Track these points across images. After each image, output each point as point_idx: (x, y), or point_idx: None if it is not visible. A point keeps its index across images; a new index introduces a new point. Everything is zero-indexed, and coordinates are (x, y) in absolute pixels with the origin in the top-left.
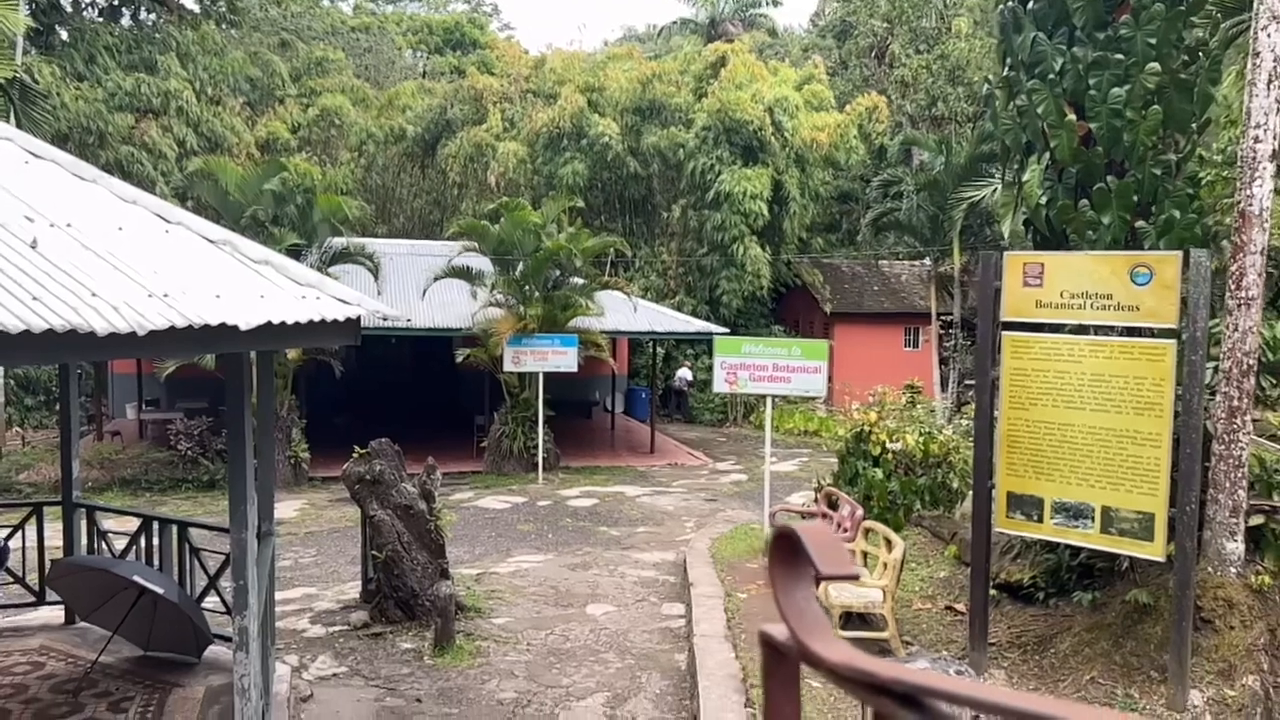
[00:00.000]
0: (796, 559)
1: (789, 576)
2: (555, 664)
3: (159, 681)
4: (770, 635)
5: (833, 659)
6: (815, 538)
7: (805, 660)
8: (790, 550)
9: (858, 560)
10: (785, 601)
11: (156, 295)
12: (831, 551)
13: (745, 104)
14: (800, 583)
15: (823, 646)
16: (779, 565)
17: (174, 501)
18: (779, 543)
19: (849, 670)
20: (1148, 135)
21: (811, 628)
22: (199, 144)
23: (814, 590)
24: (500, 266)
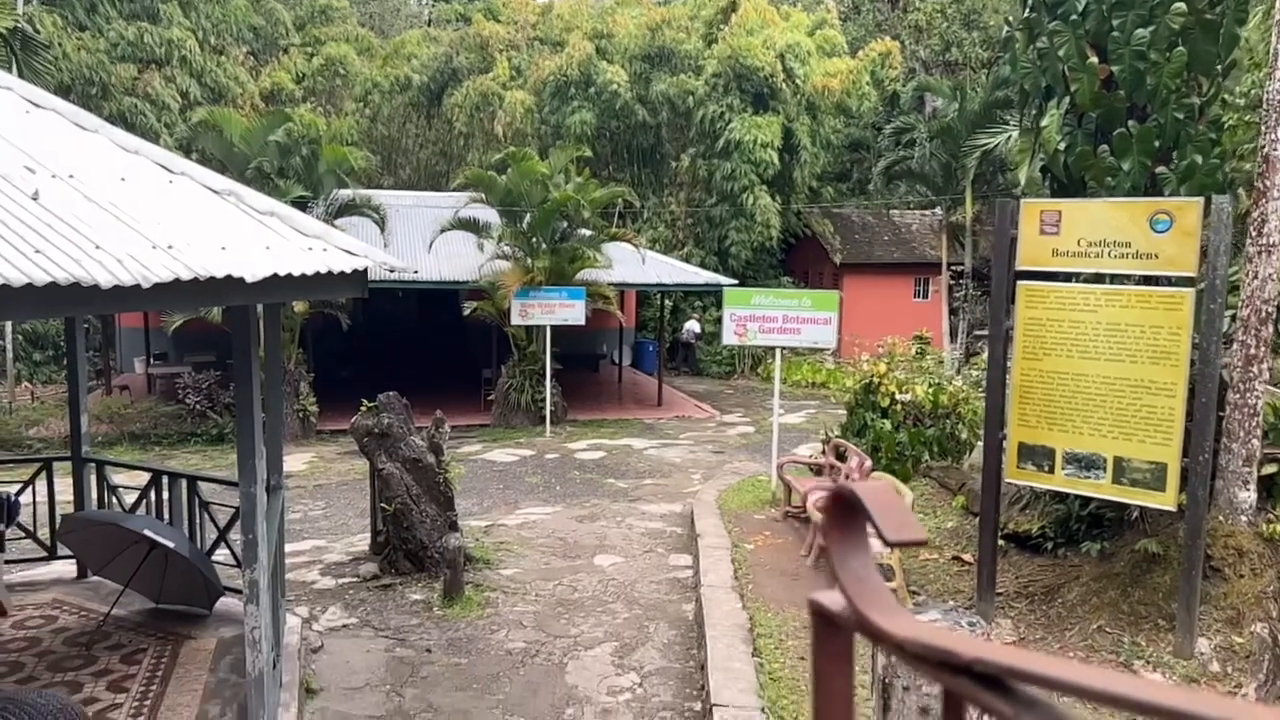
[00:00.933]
0: (854, 522)
1: (846, 541)
2: (563, 614)
3: (171, 633)
4: (823, 605)
5: (899, 634)
6: (878, 499)
7: (865, 634)
8: (848, 513)
9: None
10: (842, 569)
11: (160, 247)
12: (897, 514)
13: (756, 50)
14: (858, 548)
15: (886, 619)
16: (835, 529)
17: (183, 455)
18: (836, 505)
19: (919, 647)
20: (1171, 78)
21: (872, 598)
22: (202, 95)
23: (872, 557)
24: (507, 218)
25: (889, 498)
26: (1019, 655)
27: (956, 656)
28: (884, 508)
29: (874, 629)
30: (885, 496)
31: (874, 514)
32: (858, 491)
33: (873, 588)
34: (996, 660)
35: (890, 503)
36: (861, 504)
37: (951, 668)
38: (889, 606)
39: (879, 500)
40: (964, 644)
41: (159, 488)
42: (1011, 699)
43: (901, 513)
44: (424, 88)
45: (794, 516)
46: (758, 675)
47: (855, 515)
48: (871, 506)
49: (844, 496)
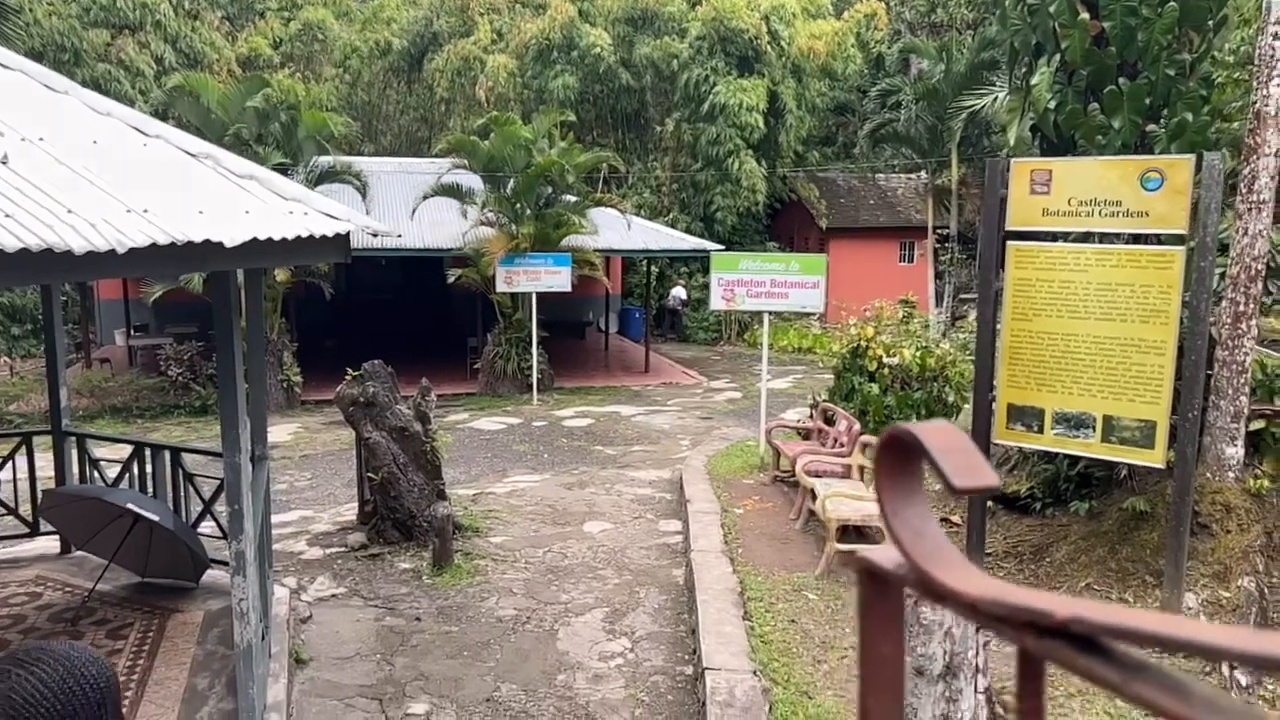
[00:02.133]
0: (908, 467)
1: (900, 489)
2: (554, 581)
3: (157, 607)
4: (872, 563)
5: (972, 593)
6: (942, 438)
7: (928, 594)
8: (902, 456)
9: (855, 474)
10: (897, 521)
11: (136, 211)
12: (964, 456)
13: (741, 12)
14: (913, 497)
15: (955, 577)
16: (888, 476)
17: (166, 428)
18: (889, 447)
19: (999, 607)
20: (1163, 34)
21: (936, 553)
22: (177, 61)
23: (929, 506)
24: (491, 184)
25: (954, 437)
26: (1126, 613)
27: (1049, 616)
28: (949, 448)
29: (940, 588)
30: (949, 435)
31: (937, 456)
32: (916, 431)
33: (934, 542)
34: (1100, 620)
35: (956, 443)
36: (921, 445)
37: (1040, 629)
38: (955, 562)
39: (942, 440)
40: (1055, 602)
41: (142, 461)
42: (1115, 663)
43: (969, 454)
44: (404, 52)
45: (783, 481)
46: (749, 638)
47: (910, 459)
48: (934, 447)
49: (898, 437)
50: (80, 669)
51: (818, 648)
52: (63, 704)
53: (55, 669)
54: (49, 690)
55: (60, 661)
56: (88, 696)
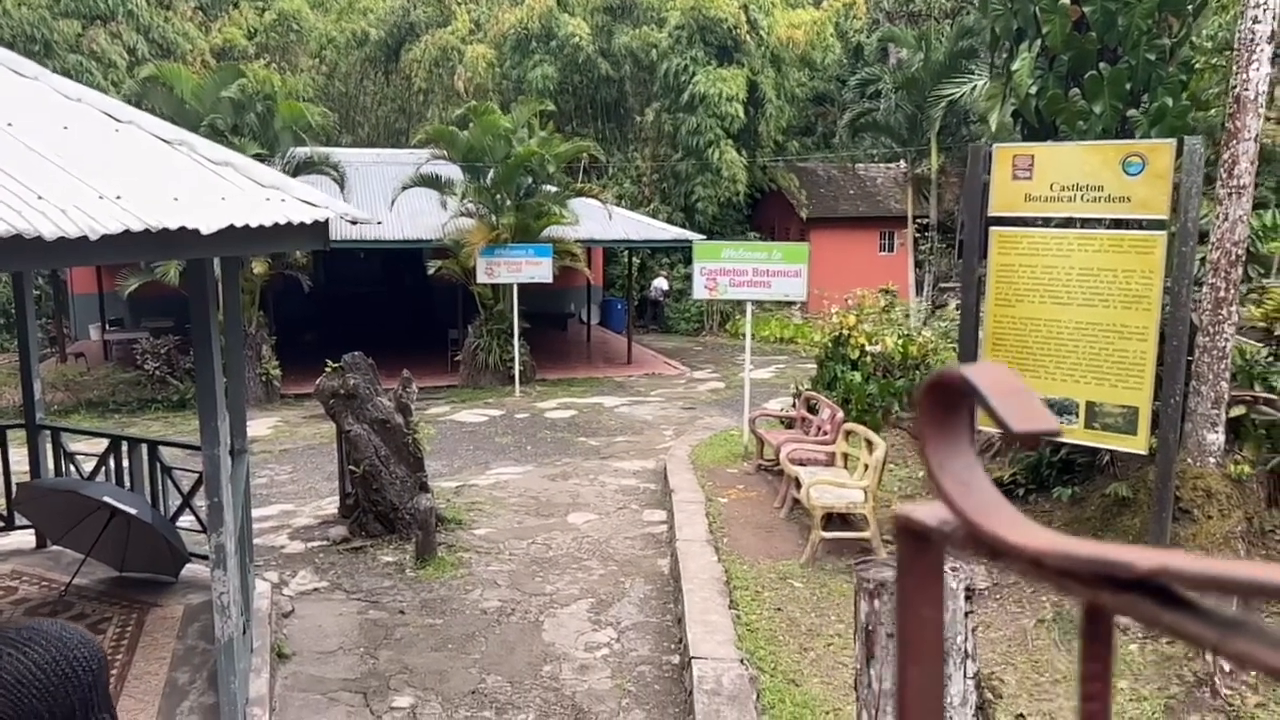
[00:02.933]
0: (955, 414)
1: (945, 439)
2: (538, 572)
3: (136, 602)
4: (914, 520)
5: (1035, 546)
6: (995, 380)
7: (984, 550)
8: (949, 403)
9: (839, 462)
10: (943, 474)
11: (108, 197)
12: (1022, 398)
13: (720, 1)
14: (959, 447)
15: (1013, 531)
16: (933, 424)
17: (143, 422)
18: (934, 392)
19: (1069, 561)
20: (1143, 18)
21: (988, 507)
22: (150, 51)
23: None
24: (470, 174)
25: (1008, 378)
26: (1220, 564)
27: (1129, 569)
28: (1004, 390)
29: (997, 543)
30: (1004, 377)
31: (991, 399)
32: (966, 372)
33: (986, 495)
34: (1191, 570)
35: (1011, 384)
36: (972, 387)
37: (1117, 583)
38: (1010, 516)
39: (997, 381)
40: (1133, 553)
41: (118, 454)
42: (1205, 618)
43: (1026, 396)
44: (381, 43)
45: (767, 470)
46: (735, 627)
47: (957, 405)
48: (987, 389)
49: (945, 380)
50: (72, 650)
51: (804, 635)
52: (55, 685)
53: (47, 650)
54: (41, 671)
55: (52, 643)
56: (80, 679)
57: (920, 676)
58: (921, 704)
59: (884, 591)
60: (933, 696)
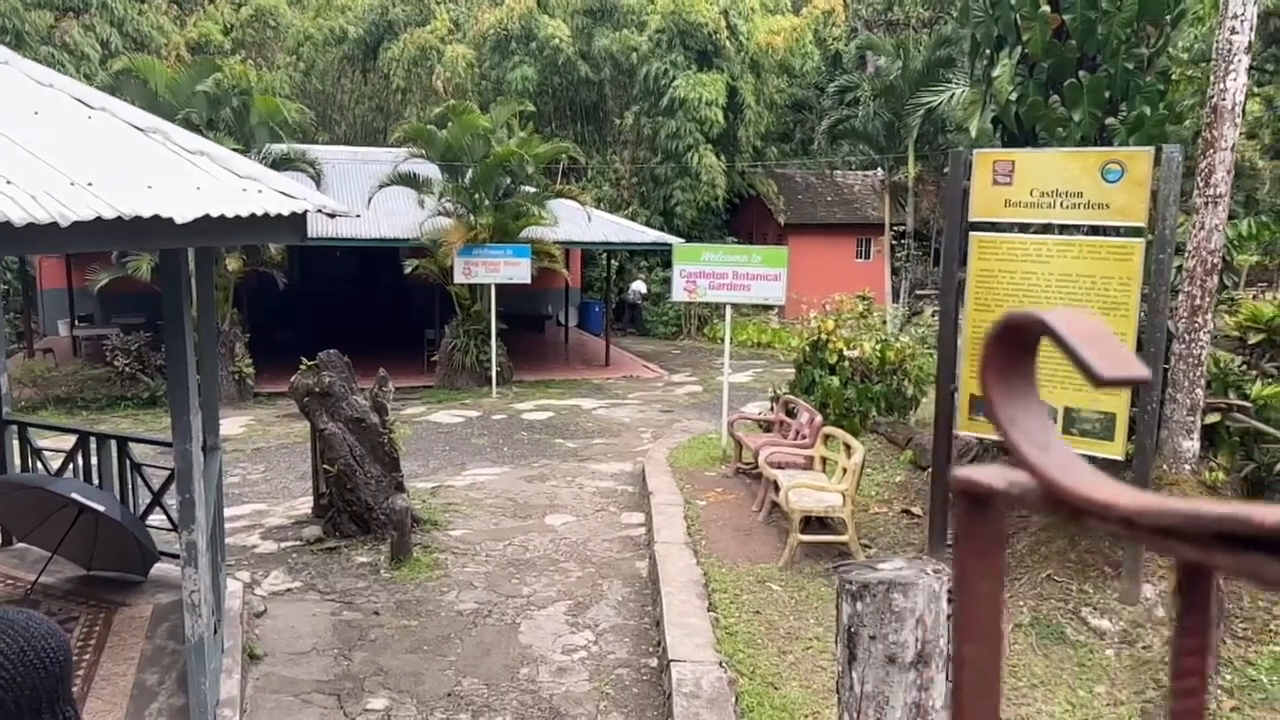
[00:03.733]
0: (1024, 366)
1: (1014, 392)
2: (515, 574)
3: (104, 601)
4: (977, 481)
5: (1131, 504)
6: (1078, 325)
7: (1061, 508)
8: (1018, 352)
9: (817, 465)
10: (1015, 431)
11: (80, 184)
12: (1108, 343)
13: (700, 5)
14: (1030, 402)
15: (1097, 488)
16: (1000, 376)
17: (113, 419)
18: (1003, 340)
19: (1173, 518)
20: (1122, 27)
21: (1068, 465)
22: (124, 44)
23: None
24: (449, 174)
25: (1090, 323)
26: None
27: (1248, 523)
28: (1088, 335)
29: (1085, 502)
30: (1085, 321)
31: (1075, 343)
32: (1044, 317)
33: (1063, 452)
34: None
35: (1094, 328)
36: (1050, 330)
37: (1234, 542)
38: (1092, 474)
39: (1078, 326)
40: (1253, 509)
41: (87, 451)
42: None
43: (1112, 341)
44: (359, 41)
45: (745, 473)
46: (714, 630)
47: (1026, 355)
48: (1069, 334)
49: (1016, 325)
50: (39, 641)
51: (783, 638)
52: (21, 675)
53: (15, 640)
54: (7, 661)
55: (20, 633)
56: (47, 670)
57: (979, 657)
58: (979, 688)
59: (866, 594)
60: (991, 680)
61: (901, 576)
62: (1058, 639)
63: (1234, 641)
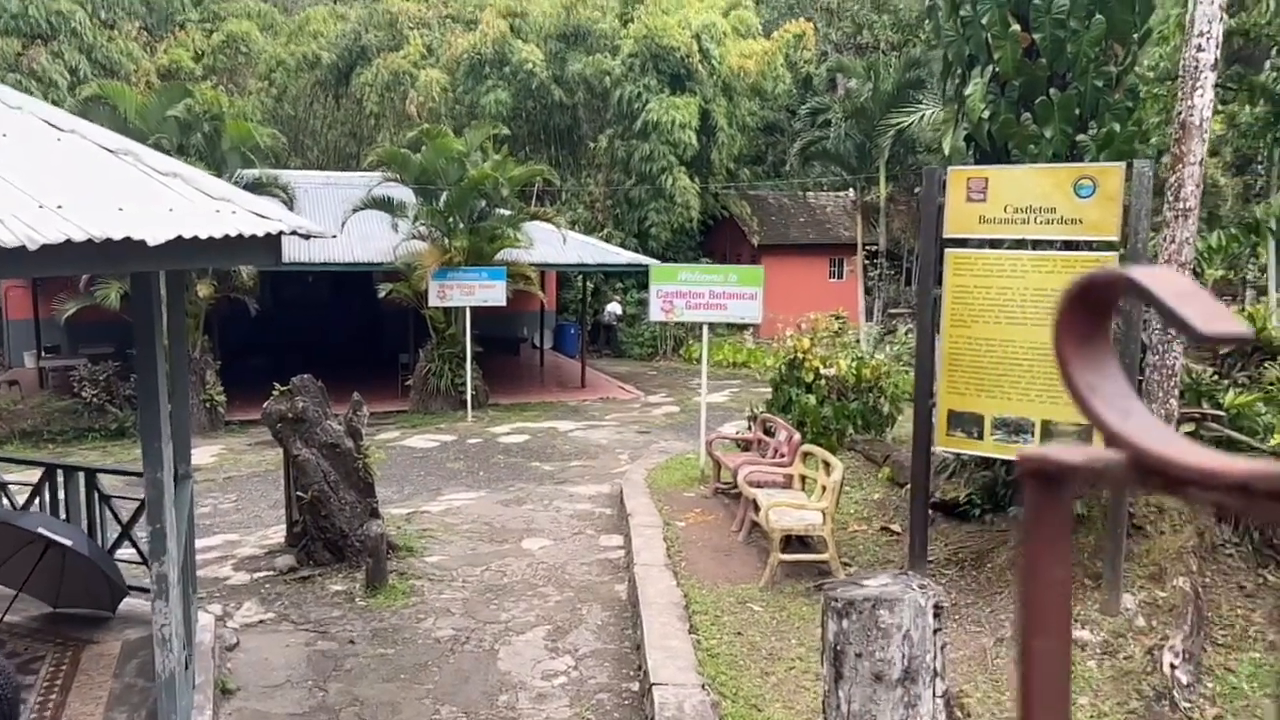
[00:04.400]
0: (1099, 331)
1: (1091, 359)
2: (493, 600)
3: (71, 639)
4: (1050, 459)
5: (1241, 471)
6: (1171, 283)
7: (1154, 480)
8: (1094, 314)
9: (796, 484)
10: (1095, 396)
11: (49, 207)
12: (1204, 301)
13: (672, 30)
14: (1108, 368)
15: (1196, 456)
16: (1076, 341)
17: (80, 452)
18: (1082, 301)
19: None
20: (1090, 46)
21: (1153, 431)
22: (93, 71)
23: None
24: (423, 197)
25: (1181, 280)
26: None
27: None
28: (1183, 292)
29: (1184, 470)
30: (1176, 278)
31: (1170, 301)
32: (1134, 275)
33: (1148, 419)
34: None
35: (1187, 285)
36: (1141, 288)
37: None
38: (1184, 441)
39: (1171, 284)
40: None
41: (54, 484)
42: None
43: (1204, 297)
44: (332, 66)
45: (724, 493)
46: (696, 652)
47: (1102, 318)
48: (1162, 291)
49: (1097, 284)
50: None
51: (765, 659)
52: None
53: None
54: None
55: None
56: None
57: (1047, 651)
58: (1048, 685)
59: (852, 610)
60: (1062, 678)
61: (887, 592)
62: None
63: (1214, 649)
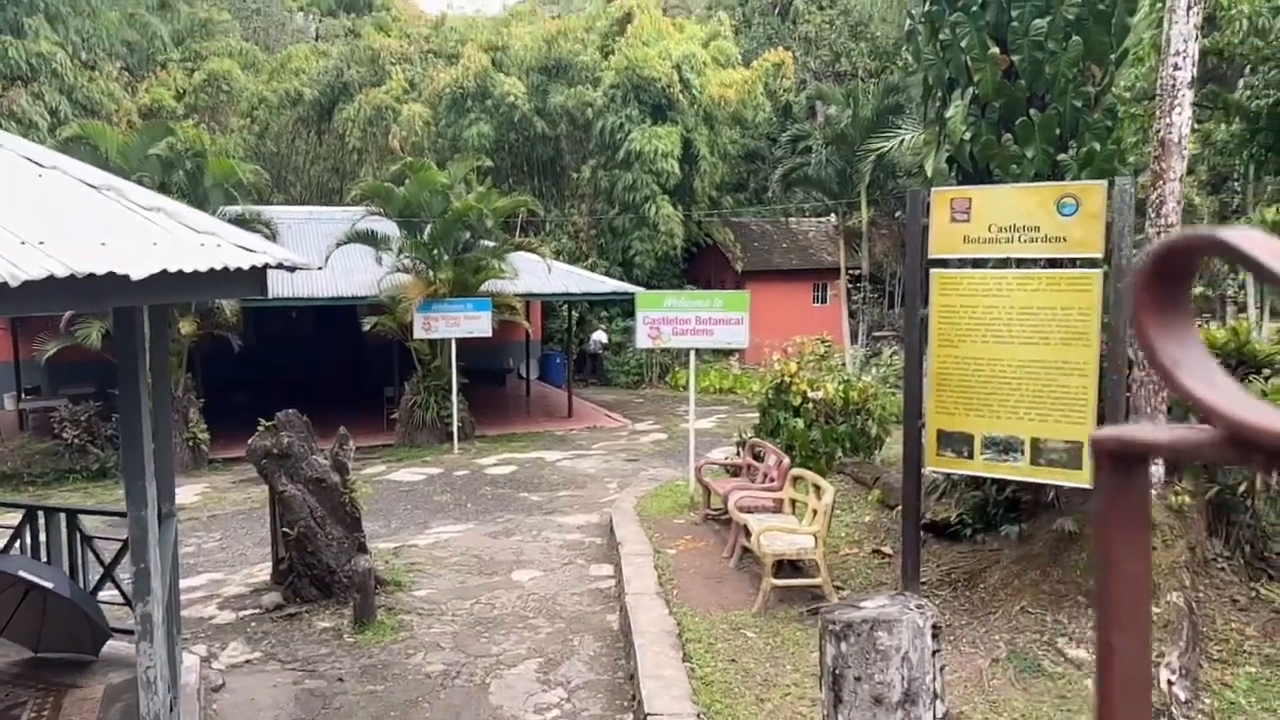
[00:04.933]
0: (1180, 299)
1: (1173, 329)
2: (483, 633)
3: (53, 684)
4: (1126, 439)
5: None
6: (1259, 242)
7: (1255, 453)
8: (1178, 281)
9: (786, 508)
10: (1180, 369)
11: (31, 243)
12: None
13: (653, 61)
14: (1190, 339)
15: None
16: (1157, 310)
17: (61, 494)
18: (1164, 264)
19: None
20: (1068, 67)
21: (1245, 402)
22: (74, 112)
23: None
24: (407, 230)
25: (1269, 240)
26: None
27: None
28: (1274, 251)
29: None
30: (1263, 238)
31: (1267, 261)
32: (1221, 235)
33: (1235, 391)
34: None
35: (1277, 245)
36: (1234, 250)
37: None
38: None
39: (1264, 244)
40: None
41: (35, 525)
42: None
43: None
44: (314, 102)
45: (714, 519)
46: (690, 680)
47: (1183, 288)
48: (1258, 252)
49: (1177, 249)
50: None
51: (760, 686)
52: None
53: None
54: None
55: None
56: None
57: (1129, 648)
58: (1129, 684)
59: (850, 633)
60: (1143, 676)
61: (885, 614)
62: (1035, 671)
63: (1210, 664)
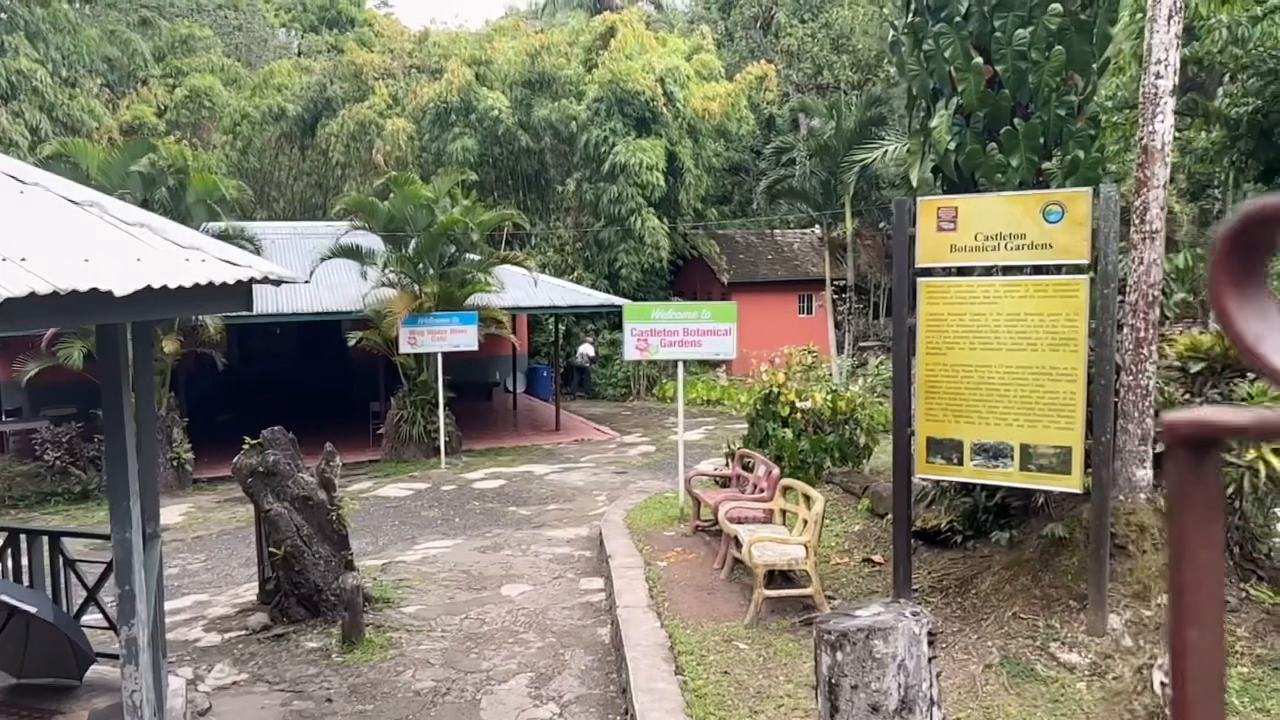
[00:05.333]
0: (1257, 269)
1: (1252, 301)
2: (473, 649)
3: (35, 711)
4: (1202, 422)
5: None
6: None
7: None
8: (1258, 251)
9: (777, 519)
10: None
11: (12, 260)
12: None
13: (637, 74)
14: (1273, 312)
15: None
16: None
17: (43, 517)
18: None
19: None
20: (1051, 76)
21: None
22: (54, 130)
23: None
24: (392, 244)
25: None
26: None
27: None
28: None
29: None
30: None
31: None
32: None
33: None
34: None
35: None
36: None
37: None
38: None
39: None
40: None
41: (16, 549)
42: None
43: None
44: (298, 118)
45: (704, 531)
46: (683, 693)
47: (1262, 259)
48: None
49: (1259, 216)
50: None
51: (753, 698)
52: None
53: None
54: None
55: None
56: None
57: (1203, 643)
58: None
59: (846, 642)
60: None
61: (880, 621)
62: (1029, 676)
63: None
